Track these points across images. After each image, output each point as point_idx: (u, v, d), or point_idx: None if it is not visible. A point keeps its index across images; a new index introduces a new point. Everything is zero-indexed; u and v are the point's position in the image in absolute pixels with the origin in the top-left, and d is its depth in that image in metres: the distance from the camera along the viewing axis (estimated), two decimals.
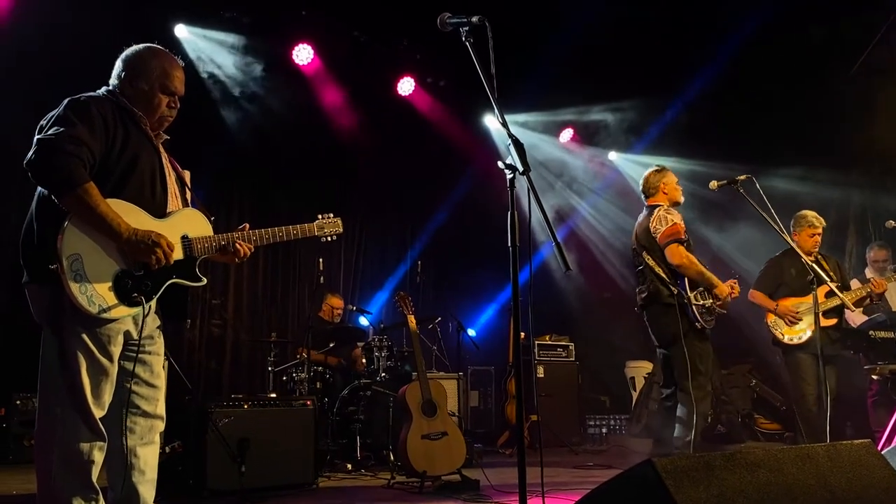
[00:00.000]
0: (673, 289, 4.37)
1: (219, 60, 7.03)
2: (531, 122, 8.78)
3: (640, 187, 4.80)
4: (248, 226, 2.84)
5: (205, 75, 6.95)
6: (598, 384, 8.93)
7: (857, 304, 5.12)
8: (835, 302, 4.86)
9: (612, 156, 9.49)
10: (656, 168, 4.80)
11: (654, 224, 4.47)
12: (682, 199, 4.70)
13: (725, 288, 4.34)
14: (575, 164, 9.46)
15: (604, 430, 7.96)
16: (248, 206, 8.11)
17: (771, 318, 5.22)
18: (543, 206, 2.14)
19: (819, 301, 4.35)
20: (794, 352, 5.09)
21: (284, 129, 7.73)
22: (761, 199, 4.15)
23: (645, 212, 4.70)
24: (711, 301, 4.33)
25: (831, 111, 7.21)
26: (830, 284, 4.55)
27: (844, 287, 5.13)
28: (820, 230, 5.16)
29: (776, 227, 4.06)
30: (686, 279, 4.38)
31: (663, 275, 4.41)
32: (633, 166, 9.32)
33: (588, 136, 9.20)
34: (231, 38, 6.92)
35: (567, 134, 9.19)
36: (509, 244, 2.16)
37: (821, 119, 7.37)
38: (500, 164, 2.23)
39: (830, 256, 5.49)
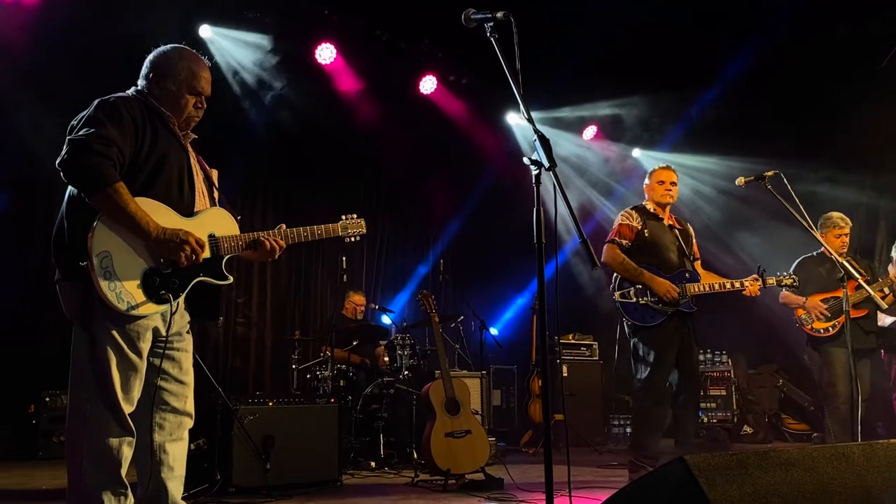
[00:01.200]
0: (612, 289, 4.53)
1: (242, 60, 7.09)
2: (553, 119, 8.73)
3: None
4: (284, 226, 2.87)
5: (229, 75, 7.02)
6: (621, 384, 8.87)
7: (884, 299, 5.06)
8: (864, 295, 4.79)
9: (636, 153, 9.42)
10: (659, 164, 4.81)
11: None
12: (666, 200, 4.61)
13: (662, 286, 4.29)
14: (598, 161, 9.40)
15: (628, 430, 7.89)
16: (271, 206, 8.19)
17: (801, 313, 5.17)
18: (570, 202, 2.12)
19: (849, 294, 4.31)
20: (827, 345, 5.05)
21: (307, 129, 7.77)
22: (790, 195, 4.08)
23: None
24: (648, 299, 4.31)
25: (860, 108, 7.09)
26: (859, 279, 4.47)
27: None
28: (847, 230, 5.14)
29: (805, 223, 3.99)
30: (618, 277, 4.47)
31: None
32: (657, 164, 9.23)
33: (612, 133, 9.13)
34: (254, 38, 6.97)
35: (590, 131, 9.13)
36: (535, 241, 2.14)
37: (849, 116, 7.26)
38: (525, 159, 2.21)
39: (862, 259, 5.49)
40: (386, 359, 6.55)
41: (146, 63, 2.72)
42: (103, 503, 2.39)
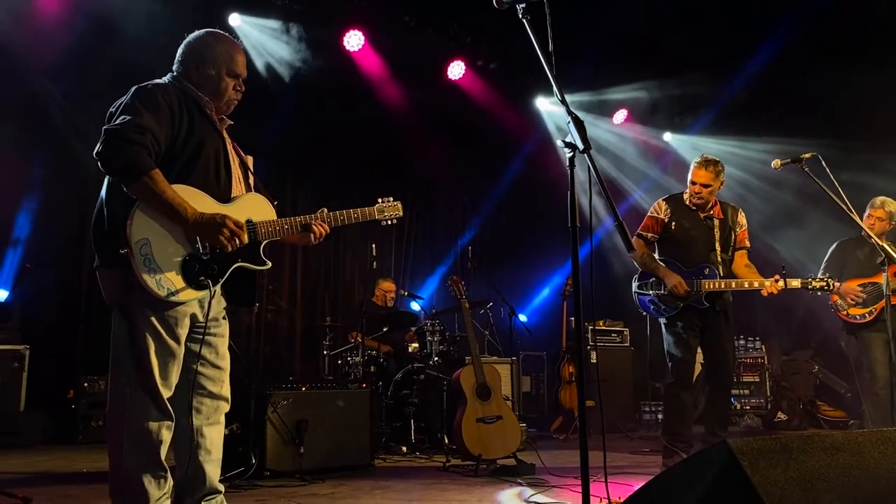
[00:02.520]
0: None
1: (271, 48, 7.12)
2: (583, 102, 8.64)
3: None
4: (325, 210, 2.90)
5: (258, 63, 7.06)
6: (652, 371, 8.81)
7: None
8: None
9: (668, 137, 9.30)
10: (699, 158, 4.52)
11: None
12: (694, 202, 4.45)
13: (671, 280, 4.29)
14: (629, 145, 9.30)
15: (659, 417, 7.85)
16: (301, 193, 8.24)
17: (835, 299, 5.08)
18: (605, 186, 2.09)
19: (889, 279, 4.21)
20: (863, 331, 4.95)
21: (335, 116, 7.80)
22: (828, 178, 3.99)
23: None
24: (662, 292, 4.36)
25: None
26: None
27: None
28: (882, 214, 5.00)
29: (844, 206, 3.90)
30: (640, 270, 4.56)
31: None
32: (690, 148, 9.12)
33: (643, 116, 9.01)
34: (283, 26, 7.00)
35: (621, 115, 9.03)
36: (569, 224, 2.12)
37: (885, 98, 7.07)
38: (559, 142, 2.19)
39: None
40: (416, 345, 6.58)
41: (181, 49, 2.73)
42: (143, 485, 2.43)
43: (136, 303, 2.44)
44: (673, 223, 4.47)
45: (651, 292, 4.42)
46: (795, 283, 4.32)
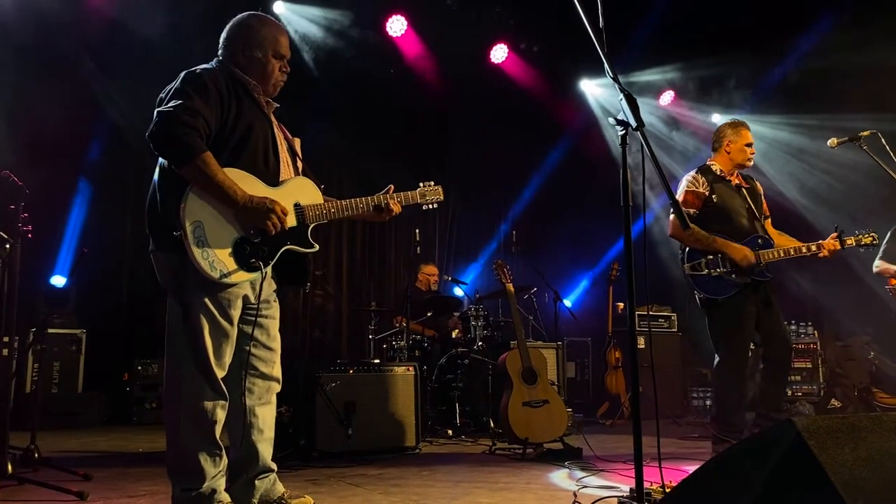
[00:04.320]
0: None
1: (314, 34, 7.16)
2: (628, 83, 8.49)
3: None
4: (392, 187, 2.95)
5: (302, 49, 7.11)
6: (699, 357, 8.67)
7: None
8: None
9: (717, 118, 9.08)
10: (732, 121, 4.36)
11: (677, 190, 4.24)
12: (750, 164, 4.27)
13: (738, 252, 3.97)
14: (677, 128, 9.12)
15: (707, 403, 7.73)
16: (345, 177, 8.31)
17: (893, 283, 4.91)
18: (658, 163, 2.05)
19: None
20: None
21: (378, 101, 7.82)
22: (888, 156, 3.85)
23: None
24: (723, 270, 3.99)
25: None
26: None
27: None
28: None
29: None
30: (686, 249, 4.14)
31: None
32: (733, 120, 8.90)
33: (690, 97, 8.82)
34: (326, 13, 7.03)
35: (668, 96, 8.85)
36: (622, 204, 2.09)
37: None
38: (610, 119, 2.15)
39: None
40: (460, 330, 6.59)
41: (225, 34, 2.75)
42: (200, 463, 2.48)
43: (190, 285, 2.48)
44: (714, 195, 4.16)
45: (710, 271, 4.05)
46: (850, 240, 4.10)
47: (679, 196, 4.20)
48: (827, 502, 1.14)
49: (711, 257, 4.04)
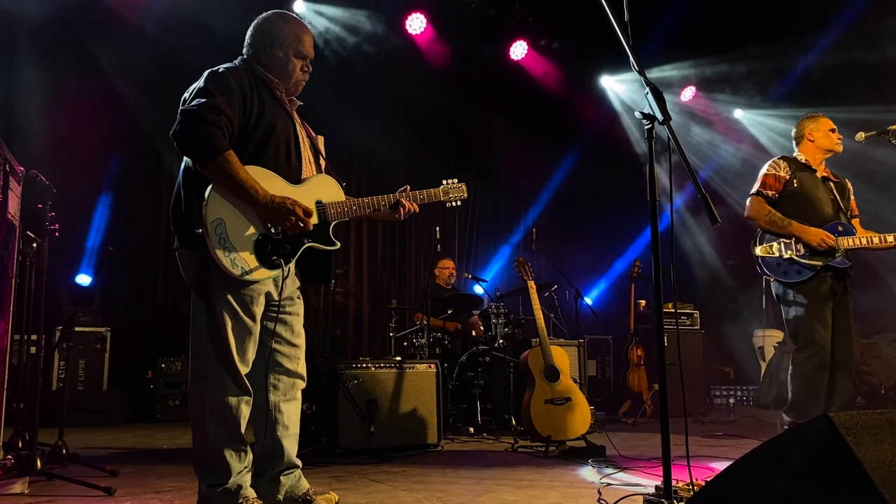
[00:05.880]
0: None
1: (335, 34, 7.18)
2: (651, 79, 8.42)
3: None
4: (408, 187, 2.96)
5: (322, 48, 7.13)
6: (722, 354, 8.58)
7: None
8: None
9: (738, 114, 8.98)
10: (809, 114, 4.35)
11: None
12: (839, 148, 4.23)
13: (815, 236, 3.91)
14: (698, 124, 9.03)
15: (731, 401, 7.65)
16: (366, 176, 8.33)
17: None
18: (686, 157, 2.02)
19: None
20: None
21: (398, 100, 7.81)
22: None
23: None
24: (796, 253, 3.93)
25: None
26: None
27: None
28: None
29: None
30: (759, 231, 4.12)
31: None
32: (761, 125, 8.80)
33: (712, 93, 8.73)
34: (346, 13, 7.05)
35: (689, 92, 8.77)
36: (648, 198, 2.06)
37: None
38: (637, 113, 2.13)
39: None
40: (481, 327, 6.58)
41: (250, 32, 2.77)
42: (225, 458, 2.50)
43: (213, 282, 2.50)
44: (795, 181, 4.12)
45: (781, 254, 3.97)
46: None
47: (758, 179, 4.21)
48: (866, 499, 1.11)
49: (785, 240, 4.00)
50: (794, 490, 1.24)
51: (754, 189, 4.20)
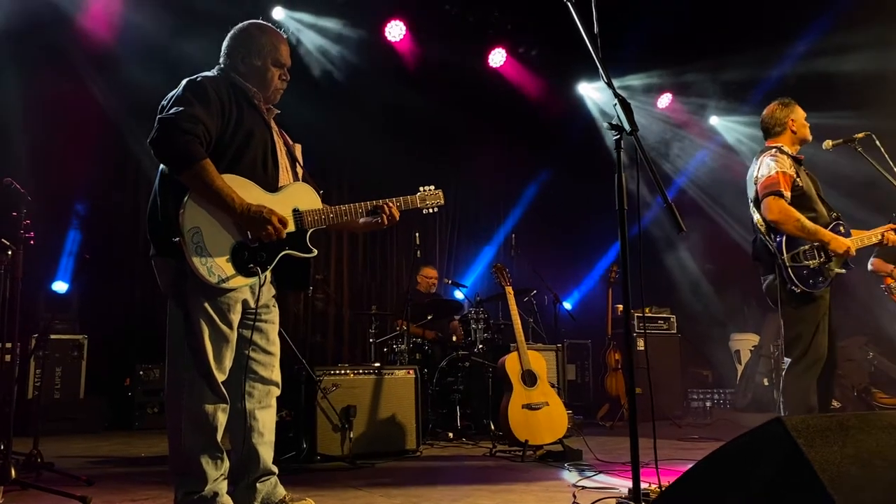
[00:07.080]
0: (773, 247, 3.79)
1: (314, 41, 7.21)
2: (626, 87, 8.52)
3: (762, 124, 4.08)
4: (385, 203, 2.95)
5: (302, 56, 7.15)
6: (699, 358, 8.69)
7: None
8: None
9: (714, 121, 9.11)
10: (783, 101, 4.01)
11: (759, 171, 3.84)
12: (810, 138, 3.99)
13: (842, 243, 3.66)
14: (673, 131, 9.16)
15: (707, 404, 7.76)
16: (346, 182, 8.33)
17: (890, 282, 4.93)
18: (653, 167, 2.08)
19: None
20: None
21: (377, 106, 7.84)
22: (883, 158, 3.87)
23: (757, 156, 3.96)
24: (819, 261, 3.64)
25: None
26: None
27: None
28: None
29: None
30: (784, 236, 3.71)
31: (765, 231, 3.82)
32: (735, 132, 8.94)
33: (687, 100, 8.86)
34: (325, 20, 7.08)
35: (665, 99, 8.88)
36: (617, 208, 2.11)
37: None
38: (605, 124, 2.18)
39: None
40: (461, 333, 6.61)
41: (227, 42, 2.79)
42: (202, 465, 2.51)
43: (190, 290, 2.51)
44: (798, 178, 3.77)
45: (810, 262, 3.65)
46: None
47: (766, 177, 3.77)
48: (815, 499, 1.16)
49: (808, 247, 3.69)
50: (750, 491, 1.29)
51: (772, 189, 3.72)
